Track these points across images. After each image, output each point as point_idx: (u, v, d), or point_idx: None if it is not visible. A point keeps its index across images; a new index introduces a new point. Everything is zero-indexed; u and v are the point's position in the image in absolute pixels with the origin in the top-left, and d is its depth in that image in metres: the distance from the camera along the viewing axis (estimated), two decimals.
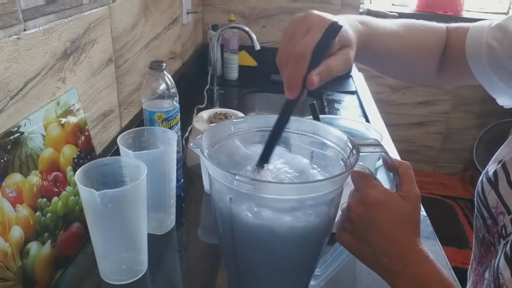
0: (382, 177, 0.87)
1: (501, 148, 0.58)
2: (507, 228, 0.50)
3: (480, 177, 0.58)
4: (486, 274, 0.53)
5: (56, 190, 0.64)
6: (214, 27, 1.64)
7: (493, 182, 0.54)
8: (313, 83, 0.48)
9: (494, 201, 0.53)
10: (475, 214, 0.60)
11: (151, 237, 0.69)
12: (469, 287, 0.60)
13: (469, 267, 0.62)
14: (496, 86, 0.63)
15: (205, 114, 1.02)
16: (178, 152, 0.77)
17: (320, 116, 0.74)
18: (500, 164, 0.54)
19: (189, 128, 1.08)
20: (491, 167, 0.56)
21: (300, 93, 0.50)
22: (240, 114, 1.02)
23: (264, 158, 0.52)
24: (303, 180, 0.53)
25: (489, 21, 0.62)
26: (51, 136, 0.64)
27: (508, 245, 0.47)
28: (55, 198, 0.64)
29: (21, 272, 0.56)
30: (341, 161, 0.53)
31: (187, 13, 1.49)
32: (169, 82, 0.79)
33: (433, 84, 0.72)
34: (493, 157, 0.58)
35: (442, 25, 0.68)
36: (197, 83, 1.52)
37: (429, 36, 0.66)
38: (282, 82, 0.53)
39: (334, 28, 0.48)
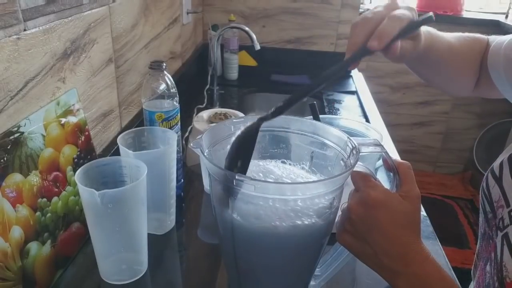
0: (382, 177, 0.87)
1: (510, 145, 0.59)
2: (504, 220, 0.50)
3: (485, 174, 0.58)
4: (488, 267, 0.53)
5: (56, 190, 0.64)
6: (214, 27, 1.64)
7: (497, 177, 0.54)
8: (396, 51, 0.50)
9: (497, 195, 0.53)
10: (479, 211, 0.60)
11: (151, 237, 0.69)
12: (474, 285, 0.60)
13: (473, 266, 0.62)
14: None
15: (205, 114, 1.02)
16: (178, 152, 0.77)
17: (320, 116, 0.74)
18: (506, 157, 0.54)
19: (189, 128, 1.08)
20: (497, 161, 0.56)
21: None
22: (240, 114, 1.02)
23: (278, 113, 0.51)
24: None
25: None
26: (51, 136, 0.64)
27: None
28: (55, 198, 0.64)
29: (21, 272, 0.56)
30: (341, 161, 0.53)
31: (187, 13, 1.49)
32: (169, 82, 0.79)
33: (472, 95, 0.74)
34: (501, 154, 0.59)
35: (484, 37, 0.71)
36: (197, 83, 1.52)
37: (473, 46, 0.69)
38: (282, 82, 0.53)
39: (430, 19, 0.51)
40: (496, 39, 0.68)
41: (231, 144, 0.51)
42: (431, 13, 0.51)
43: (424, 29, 0.60)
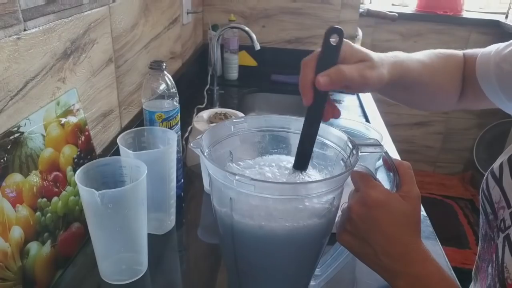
0: (382, 177, 0.87)
1: (510, 147, 0.59)
2: (506, 222, 0.50)
3: (485, 175, 0.58)
4: (489, 269, 0.53)
5: (56, 190, 0.64)
6: (214, 27, 1.64)
7: (497, 178, 0.54)
8: (319, 83, 0.48)
9: (497, 196, 0.53)
10: (480, 212, 0.60)
11: (151, 237, 0.69)
12: (477, 286, 0.60)
13: (474, 267, 0.62)
14: (505, 105, 0.65)
15: (205, 114, 1.02)
16: (178, 152, 0.77)
17: None
18: (506, 158, 0.54)
19: (189, 128, 1.08)
20: (497, 162, 0.56)
21: (317, 100, 0.50)
22: (240, 114, 1.02)
23: (299, 166, 0.53)
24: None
25: (497, 45, 0.64)
26: (51, 136, 0.64)
27: None
28: (55, 198, 0.64)
29: (21, 272, 0.56)
30: (341, 161, 0.54)
31: (187, 13, 1.49)
32: (169, 82, 0.79)
33: (456, 109, 0.74)
34: (501, 155, 0.59)
35: (459, 52, 0.70)
36: (197, 83, 1.52)
37: (449, 63, 0.68)
38: (282, 82, 0.54)
39: (333, 30, 0.48)
40: (476, 52, 0.67)
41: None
42: (336, 27, 0.49)
43: (390, 58, 0.59)
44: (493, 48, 0.65)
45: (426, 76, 0.65)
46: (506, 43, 0.63)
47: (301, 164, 0.53)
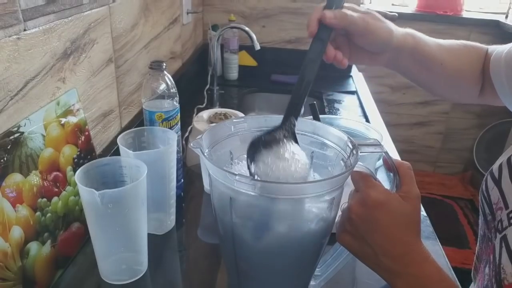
0: (382, 177, 0.87)
1: (510, 148, 0.59)
2: (503, 222, 0.50)
3: (485, 175, 0.58)
4: (486, 270, 0.53)
5: (56, 190, 0.64)
6: (214, 27, 1.64)
7: (496, 179, 0.54)
8: (324, 16, 0.54)
9: (496, 197, 0.53)
10: (479, 213, 0.60)
11: (151, 237, 0.69)
12: (474, 286, 0.60)
13: (473, 268, 0.62)
14: None
15: (205, 114, 1.02)
16: (178, 152, 0.77)
17: (320, 116, 0.74)
18: (505, 159, 0.54)
19: (189, 128, 1.08)
20: (497, 163, 0.56)
21: (319, 32, 0.55)
22: (240, 114, 1.02)
23: (291, 113, 0.53)
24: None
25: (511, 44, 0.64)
26: (51, 136, 0.64)
27: (510, 240, 0.47)
28: (55, 198, 0.64)
29: (21, 272, 0.56)
30: (341, 161, 0.53)
31: (187, 13, 1.50)
32: (169, 82, 0.79)
33: (477, 102, 0.72)
34: (501, 155, 0.59)
35: (483, 45, 0.70)
36: (197, 83, 1.52)
37: (471, 51, 0.68)
38: (282, 82, 0.54)
39: None
40: (497, 48, 0.67)
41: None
42: None
43: (402, 29, 0.62)
44: (508, 46, 0.64)
45: (444, 56, 0.65)
46: None
47: (293, 109, 0.53)
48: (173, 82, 0.80)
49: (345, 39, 0.61)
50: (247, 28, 1.32)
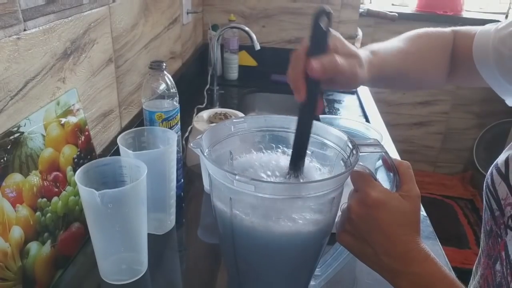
0: (382, 177, 0.87)
1: None
2: None
3: (489, 170, 0.57)
4: (498, 267, 0.53)
5: (56, 190, 0.64)
6: (214, 27, 1.64)
7: (504, 174, 0.54)
8: (312, 68, 0.46)
9: (504, 192, 0.53)
10: (484, 207, 0.60)
11: (151, 237, 0.69)
12: (477, 281, 0.60)
13: (476, 263, 0.62)
14: (504, 89, 0.64)
15: (205, 114, 1.02)
16: (178, 152, 0.77)
17: (320, 116, 0.74)
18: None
19: (189, 128, 1.08)
20: (502, 157, 0.56)
21: (309, 94, 0.49)
22: (240, 114, 1.02)
23: (294, 168, 0.51)
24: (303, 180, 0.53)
25: (495, 25, 0.63)
26: (51, 136, 0.64)
27: None
28: (55, 198, 0.64)
29: (21, 272, 0.56)
30: (341, 161, 0.53)
31: (187, 13, 1.49)
32: (169, 82, 0.79)
33: (446, 86, 0.72)
34: (505, 149, 0.58)
35: (447, 29, 0.69)
36: (197, 83, 1.52)
37: (434, 44, 0.67)
38: (282, 82, 0.53)
39: (321, 11, 0.46)
40: (470, 30, 0.66)
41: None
42: (325, 8, 0.46)
43: (369, 54, 0.59)
44: (492, 28, 0.63)
45: (408, 65, 0.64)
46: (505, 22, 0.62)
47: (297, 166, 0.52)
48: (173, 82, 0.80)
49: None
50: (247, 28, 1.32)
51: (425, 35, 0.67)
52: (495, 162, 0.57)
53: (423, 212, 0.83)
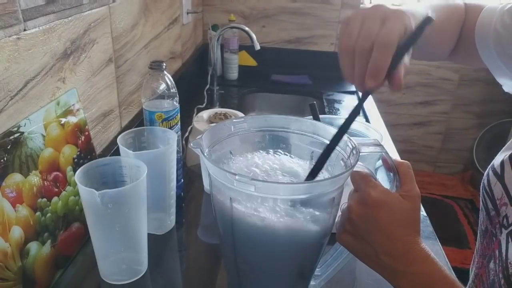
0: (382, 177, 0.87)
1: (510, 141, 0.58)
2: (509, 218, 0.50)
3: (486, 171, 0.58)
4: (491, 265, 0.53)
5: (56, 190, 0.64)
6: (214, 27, 1.64)
7: (499, 174, 0.54)
8: (399, 83, 0.46)
9: (500, 193, 0.53)
10: (480, 208, 0.60)
11: (151, 237, 0.69)
12: (472, 280, 0.60)
13: (471, 264, 0.62)
14: (501, 72, 0.63)
15: (205, 114, 1.02)
16: (178, 152, 0.77)
17: (320, 116, 0.74)
18: (508, 155, 0.54)
19: (189, 128, 1.08)
20: (498, 158, 0.56)
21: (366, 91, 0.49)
22: (240, 114, 1.02)
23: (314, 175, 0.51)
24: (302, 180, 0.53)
25: (501, 5, 0.61)
26: (51, 136, 0.64)
27: None
28: (55, 198, 0.64)
29: (21, 272, 0.56)
30: (341, 161, 0.53)
31: (187, 13, 1.50)
32: (169, 82, 0.79)
33: (444, 60, 0.69)
34: (501, 151, 0.58)
35: (460, 3, 0.66)
36: (197, 83, 1.52)
37: (451, 17, 0.65)
38: (282, 82, 0.53)
39: (428, 20, 0.45)
40: (480, 5, 0.64)
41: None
42: (429, 14, 0.46)
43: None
44: (498, 7, 0.61)
45: (432, 33, 0.60)
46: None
47: (315, 173, 0.51)
48: (173, 82, 0.80)
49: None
50: (247, 28, 1.32)
51: (444, 7, 0.64)
52: (491, 163, 0.57)
53: (423, 212, 0.83)
